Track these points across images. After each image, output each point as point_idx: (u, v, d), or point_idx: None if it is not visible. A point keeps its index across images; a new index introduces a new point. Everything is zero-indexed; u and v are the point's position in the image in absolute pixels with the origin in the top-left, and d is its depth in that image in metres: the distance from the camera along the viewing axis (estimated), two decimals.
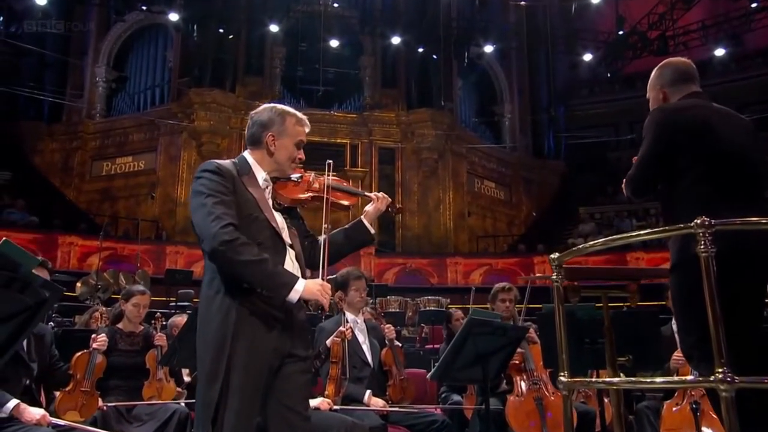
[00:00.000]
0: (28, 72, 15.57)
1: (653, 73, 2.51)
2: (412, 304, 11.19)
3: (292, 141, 2.25)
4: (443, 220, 16.02)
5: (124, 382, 3.65)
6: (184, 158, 14.87)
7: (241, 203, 2.09)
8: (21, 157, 15.29)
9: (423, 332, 9.52)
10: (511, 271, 14.66)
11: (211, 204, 2.01)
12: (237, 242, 1.96)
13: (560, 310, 2.26)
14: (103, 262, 11.46)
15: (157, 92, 15.96)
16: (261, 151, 2.24)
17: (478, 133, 17.94)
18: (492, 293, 4.22)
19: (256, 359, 1.98)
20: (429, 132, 15.90)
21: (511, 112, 18.80)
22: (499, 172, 18.15)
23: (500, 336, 3.26)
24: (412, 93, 16.19)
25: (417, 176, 16.05)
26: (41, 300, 1.82)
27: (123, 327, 3.87)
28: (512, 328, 3.37)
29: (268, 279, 1.99)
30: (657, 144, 2.26)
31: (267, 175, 2.25)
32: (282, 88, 15.85)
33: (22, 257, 1.68)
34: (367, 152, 15.90)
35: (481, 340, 3.15)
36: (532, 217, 18.02)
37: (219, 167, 2.11)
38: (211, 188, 2.05)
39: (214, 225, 1.97)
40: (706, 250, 1.72)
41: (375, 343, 3.82)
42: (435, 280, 14.34)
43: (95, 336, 3.40)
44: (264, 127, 2.24)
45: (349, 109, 16.15)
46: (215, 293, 2.03)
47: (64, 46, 16.01)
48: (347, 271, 3.76)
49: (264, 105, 2.34)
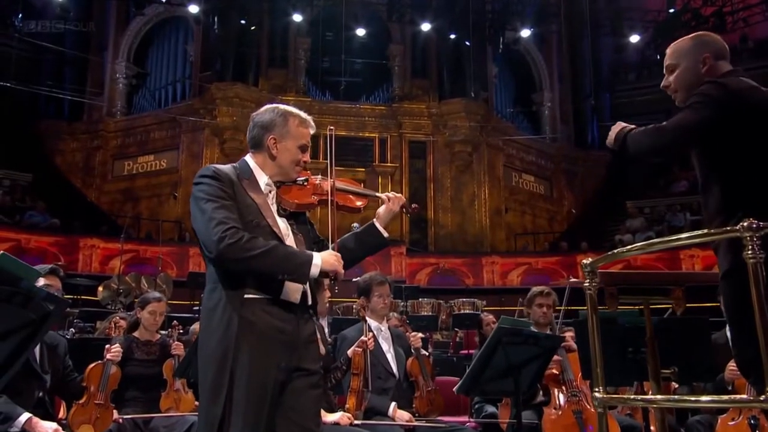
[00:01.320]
0: (48, 69, 16.03)
1: (685, 42, 2.37)
2: (445, 306, 11.13)
3: (295, 143, 2.24)
4: (478, 217, 15.89)
5: (140, 393, 3.72)
6: (207, 156, 15.10)
7: (241, 209, 2.10)
8: (42, 157, 15.76)
9: (457, 337, 9.48)
10: (552, 271, 14.45)
11: (212, 209, 2.03)
12: (242, 241, 1.98)
13: (593, 320, 2.21)
14: (125, 265, 11.74)
15: (179, 88, 16.25)
16: (263, 154, 2.25)
17: (515, 123, 17.73)
18: (528, 297, 4.15)
19: (260, 374, 1.98)
20: (462, 123, 15.76)
21: (551, 101, 18.53)
22: (538, 164, 17.91)
23: (532, 345, 3.20)
24: (444, 82, 16.07)
25: (450, 171, 15.94)
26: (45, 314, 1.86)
27: (139, 336, 3.95)
28: (545, 338, 3.31)
29: (285, 262, 2.02)
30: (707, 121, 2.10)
31: (269, 179, 2.24)
32: (307, 80, 15.95)
33: (23, 270, 1.72)
34: (396, 146, 15.86)
35: (511, 350, 3.11)
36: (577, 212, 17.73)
37: (217, 172, 2.13)
38: (210, 193, 2.06)
39: (217, 230, 1.98)
40: (754, 255, 1.65)
41: (400, 352, 3.80)
42: (470, 281, 14.24)
43: (108, 346, 3.47)
44: (265, 129, 2.25)
45: (378, 101, 16.14)
46: (216, 305, 2.04)
47: (84, 42, 16.40)
48: (369, 276, 3.75)
49: (266, 105, 2.35)
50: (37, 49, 15.20)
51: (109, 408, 3.41)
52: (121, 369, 3.66)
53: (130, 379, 3.72)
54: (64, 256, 12.24)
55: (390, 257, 13.51)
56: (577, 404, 3.65)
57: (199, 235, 2.06)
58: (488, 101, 16.67)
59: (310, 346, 2.16)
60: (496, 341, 3.04)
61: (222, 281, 2.06)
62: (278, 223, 2.17)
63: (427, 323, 9.54)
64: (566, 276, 14.46)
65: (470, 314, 9.95)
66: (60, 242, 12.48)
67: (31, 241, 12.00)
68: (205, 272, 2.15)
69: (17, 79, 14.34)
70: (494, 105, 17.18)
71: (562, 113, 18.59)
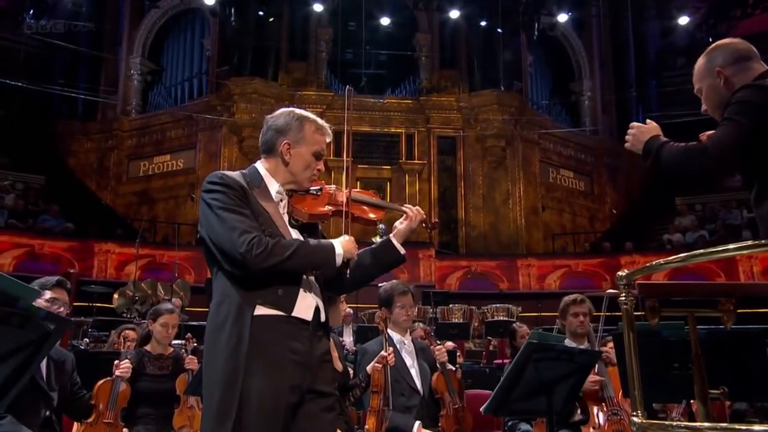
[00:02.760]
0: (60, 67, 16.42)
1: (699, 62, 2.36)
2: (477, 313, 11.12)
3: (309, 150, 2.25)
4: (513, 216, 15.77)
5: (153, 409, 3.77)
6: (225, 155, 15.28)
7: (253, 217, 2.12)
8: (55, 158, 16.14)
9: (490, 346, 9.42)
10: (594, 274, 14.29)
11: (232, 219, 2.05)
12: (268, 248, 2.02)
13: (630, 338, 2.16)
14: (141, 271, 11.96)
15: (195, 84, 16.46)
16: (275, 160, 2.26)
17: (552, 115, 17.57)
18: (561, 308, 4.08)
19: (271, 397, 1.97)
20: (495, 117, 15.66)
21: (591, 90, 18.35)
22: (578, 159, 17.73)
23: (566, 361, 3.14)
24: (475, 73, 15.98)
25: (482, 167, 15.85)
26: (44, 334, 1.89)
27: (151, 349, 3.99)
28: (580, 353, 3.24)
29: (313, 256, 2.11)
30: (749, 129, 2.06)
31: (281, 187, 2.25)
32: (328, 73, 16.02)
33: (20, 290, 1.74)
34: (424, 142, 15.83)
35: (543, 366, 3.05)
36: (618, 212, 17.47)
37: (225, 178, 2.14)
38: (225, 202, 2.08)
39: (243, 241, 2.01)
40: None
41: (425, 367, 3.77)
42: (504, 285, 14.10)
43: (117, 362, 3.52)
44: (279, 133, 2.25)
45: (404, 95, 16.13)
46: (223, 321, 2.04)
47: (97, 39, 16.78)
48: (391, 286, 3.72)
49: (282, 109, 2.35)
50: (49, 46, 15.57)
51: (118, 427, 3.46)
52: (132, 384, 3.70)
53: (141, 395, 3.76)
54: (79, 262, 12.50)
55: (418, 260, 13.48)
56: (618, 423, 3.59)
57: (219, 244, 2.06)
58: (522, 92, 16.53)
59: (324, 366, 2.15)
60: (525, 357, 2.98)
61: (231, 295, 2.06)
62: (290, 234, 2.19)
63: (458, 331, 9.51)
64: (609, 279, 14.32)
65: (504, 321, 9.87)
66: (74, 247, 12.74)
67: (45, 247, 12.28)
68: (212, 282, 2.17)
69: (29, 78, 14.72)
70: (529, 96, 17.03)
71: (604, 103, 18.39)
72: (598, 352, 3.54)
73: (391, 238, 2.37)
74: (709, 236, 14.08)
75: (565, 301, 4.07)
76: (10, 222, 12.70)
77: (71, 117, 16.74)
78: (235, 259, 2.01)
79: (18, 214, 13.14)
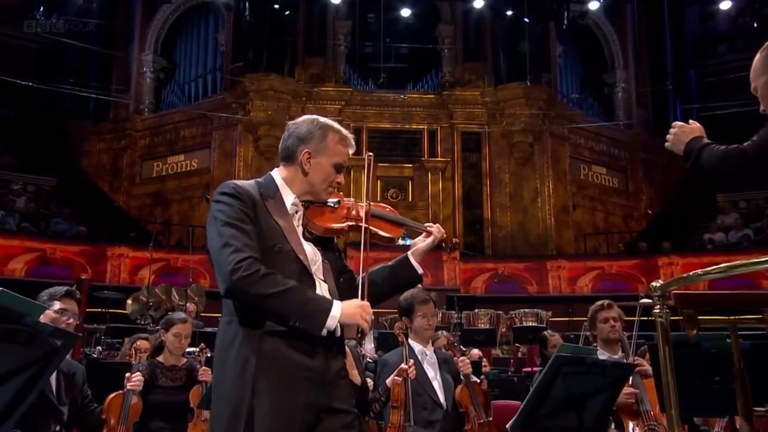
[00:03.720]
0: (71, 65, 16.68)
1: (756, 59, 2.29)
2: (505, 318, 11.08)
3: (330, 161, 2.25)
4: (542, 215, 15.68)
5: (165, 423, 3.81)
6: (240, 155, 15.41)
7: (264, 232, 2.11)
8: (67, 160, 16.40)
9: (519, 353, 9.37)
10: (629, 276, 14.18)
11: (229, 234, 2.03)
12: (257, 275, 1.98)
13: (666, 353, 2.12)
14: (155, 276, 12.10)
15: (209, 80, 16.61)
16: (293, 168, 2.26)
17: (583, 109, 17.42)
18: (590, 316, 4.08)
19: (284, 417, 1.97)
20: (522, 111, 15.59)
21: (625, 81, 18.16)
22: (611, 154, 17.58)
23: (598, 375, 3.11)
24: (501, 66, 15.89)
25: (508, 164, 15.79)
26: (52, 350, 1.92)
27: (164, 360, 4.04)
28: (613, 366, 3.20)
29: (300, 308, 2.01)
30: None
31: (297, 198, 2.24)
32: (347, 68, 16.05)
33: (25, 306, 1.77)
34: (447, 139, 15.79)
35: (573, 380, 3.03)
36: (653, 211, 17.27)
37: (237, 189, 2.13)
38: (229, 215, 2.07)
39: (232, 259, 1.99)
40: None
41: (448, 379, 3.76)
42: (533, 288, 14.07)
43: (128, 375, 3.56)
44: (301, 141, 2.26)
45: (426, 89, 16.10)
46: (232, 339, 2.05)
47: (108, 36, 17.01)
48: (411, 294, 3.70)
49: (305, 116, 2.37)
50: (59, 44, 15.81)
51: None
52: (144, 397, 3.75)
53: (154, 408, 3.80)
54: (91, 267, 12.69)
55: (442, 263, 13.46)
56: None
57: (214, 260, 2.07)
58: (551, 85, 16.42)
59: (341, 382, 2.15)
60: (554, 371, 2.96)
61: (240, 313, 2.06)
62: (304, 249, 2.17)
63: (484, 338, 9.45)
64: (645, 282, 14.16)
65: (534, 327, 9.81)
66: (87, 251, 12.94)
67: (57, 251, 12.49)
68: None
69: (39, 77, 14.97)
70: (558, 89, 16.90)
71: (639, 95, 18.22)
72: (631, 365, 3.50)
73: (409, 256, 2.37)
74: (754, 235, 13.85)
75: (592, 309, 4.07)
76: (23, 226, 12.94)
77: (83, 117, 17.00)
78: (222, 277, 2.01)
79: (29, 217, 13.40)
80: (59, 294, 3.19)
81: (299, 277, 2.10)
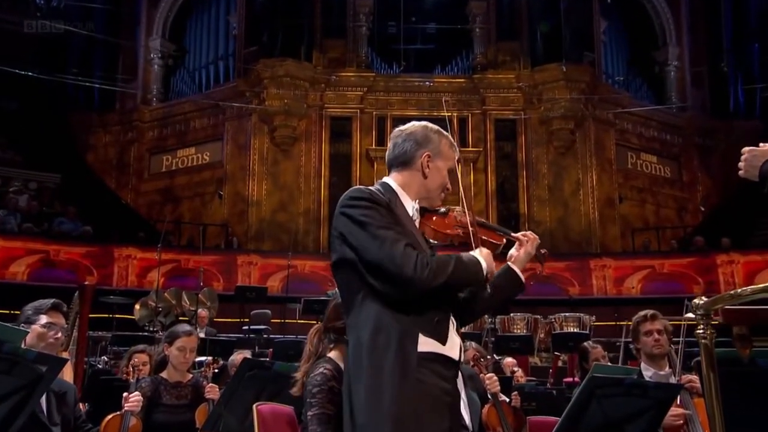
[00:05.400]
0: (75, 53, 16.95)
1: None
2: (543, 323, 11.07)
3: (446, 165, 2.43)
4: (584, 209, 15.58)
5: None
6: (255, 147, 15.53)
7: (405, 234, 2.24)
8: (71, 154, 16.73)
9: (559, 362, 9.32)
10: (683, 275, 14.05)
11: (390, 236, 2.16)
12: (434, 265, 2.14)
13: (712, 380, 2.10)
14: (164, 278, 12.28)
15: (221, 67, 16.78)
16: (412, 173, 2.40)
17: (630, 91, 17.30)
18: (632, 328, 4.01)
19: None
20: (562, 95, 15.47)
21: (678, 59, 18.03)
22: (662, 141, 17.44)
23: (638, 397, 3.08)
24: (538, 45, 15.78)
25: (547, 154, 15.71)
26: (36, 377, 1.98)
27: (168, 376, 4.08)
28: (656, 387, 3.16)
29: (467, 273, 2.23)
30: None
31: (417, 204, 2.40)
32: (369, 51, 16.09)
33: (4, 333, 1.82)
34: (479, 126, 15.75)
35: (610, 403, 3.00)
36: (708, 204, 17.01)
37: (373, 195, 2.27)
38: (376, 219, 2.19)
39: (410, 258, 2.12)
40: None
41: (474, 398, 3.77)
42: (575, 289, 13.99)
43: (126, 395, 3.61)
44: (419, 145, 2.40)
45: (456, 72, 16.09)
46: (384, 351, 2.12)
47: (113, 22, 17.28)
48: None
49: (413, 122, 2.51)
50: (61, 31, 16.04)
51: None
52: (147, 416, 3.80)
53: (156, 428, 3.85)
54: (98, 269, 12.94)
55: None
56: None
57: (381, 264, 2.14)
58: (595, 65, 16.27)
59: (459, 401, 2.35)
60: (588, 394, 2.93)
61: (389, 323, 2.14)
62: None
63: (519, 345, 9.41)
64: (701, 282, 13.97)
65: (575, 333, 9.74)
66: (93, 253, 13.19)
67: (61, 253, 12.75)
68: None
69: (40, 66, 15.22)
70: (602, 69, 16.80)
71: (694, 75, 18.07)
72: (677, 385, 3.45)
73: (512, 266, 2.49)
74: None
75: (634, 319, 4.00)
76: (24, 226, 13.19)
77: (87, 108, 17.29)
78: (399, 280, 2.11)
79: (32, 217, 13.66)
80: (45, 307, 3.26)
81: None
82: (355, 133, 15.42)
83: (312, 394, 2.69)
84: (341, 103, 15.75)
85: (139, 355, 4.57)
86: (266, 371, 3.68)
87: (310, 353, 2.96)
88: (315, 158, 15.45)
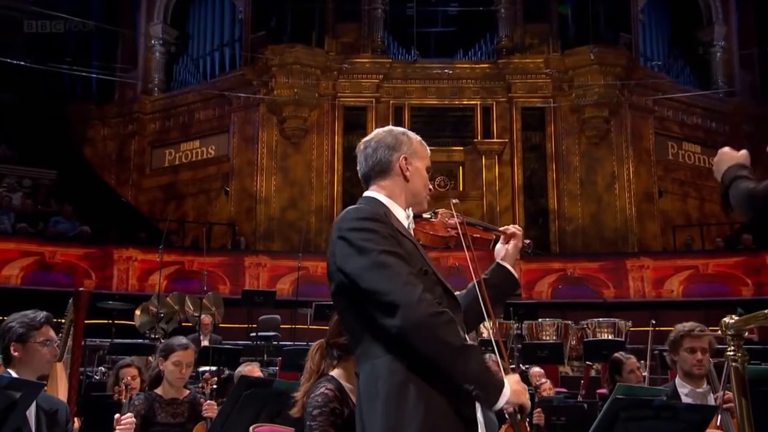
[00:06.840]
0: (72, 40, 17.07)
1: None
2: (575, 329, 11.04)
3: (423, 164, 2.47)
4: (620, 204, 15.52)
5: None
6: (263, 140, 15.60)
7: (408, 254, 2.22)
8: (68, 149, 16.91)
9: (591, 371, 9.27)
10: (730, 277, 13.94)
11: (395, 263, 2.12)
12: (445, 316, 2.08)
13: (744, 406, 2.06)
14: (167, 282, 12.36)
15: (227, 54, 16.85)
16: (393, 179, 2.41)
17: (671, 75, 17.17)
18: (672, 339, 3.92)
19: None
20: (595, 80, 15.39)
21: (725, 39, 17.88)
22: (707, 129, 17.32)
23: (669, 419, 3.04)
24: (569, 26, 15.70)
25: (578, 145, 15.65)
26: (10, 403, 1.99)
27: (163, 393, 4.12)
28: (688, 409, 3.12)
29: (483, 376, 2.10)
30: None
31: (410, 211, 2.43)
32: (385, 35, 16.07)
33: None
34: (505, 115, 15.72)
35: (636, 426, 2.98)
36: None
37: (374, 212, 2.25)
38: (379, 243, 2.15)
39: (412, 292, 2.06)
40: None
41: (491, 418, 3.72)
42: (610, 292, 13.93)
43: (118, 416, 3.62)
44: (393, 149, 2.42)
45: (480, 57, 16.03)
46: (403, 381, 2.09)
47: (112, 6, 17.40)
48: None
49: (377, 130, 2.52)
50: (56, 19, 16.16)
51: None
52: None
53: None
54: (96, 272, 13.07)
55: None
56: None
57: (382, 295, 2.09)
58: (632, 47, 16.21)
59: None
60: (611, 417, 2.92)
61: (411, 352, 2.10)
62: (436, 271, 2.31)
63: (548, 353, 9.36)
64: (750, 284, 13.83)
65: (610, 341, 9.68)
66: (91, 254, 13.32)
67: (57, 255, 12.89)
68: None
69: (34, 55, 15.35)
70: (640, 51, 16.69)
71: (742, 56, 17.96)
72: (712, 407, 3.40)
73: (504, 263, 2.58)
74: None
75: (677, 330, 3.91)
76: (19, 227, 13.34)
77: (85, 99, 17.45)
78: (401, 311, 2.05)
79: (27, 217, 13.81)
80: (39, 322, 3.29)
81: (447, 302, 2.24)
82: (370, 124, 15.35)
83: (312, 417, 2.68)
84: (355, 92, 15.76)
85: (126, 370, 4.60)
86: (265, 390, 3.69)
87: (312, 371, 2.96)
88: (327, 151, 15.47)
